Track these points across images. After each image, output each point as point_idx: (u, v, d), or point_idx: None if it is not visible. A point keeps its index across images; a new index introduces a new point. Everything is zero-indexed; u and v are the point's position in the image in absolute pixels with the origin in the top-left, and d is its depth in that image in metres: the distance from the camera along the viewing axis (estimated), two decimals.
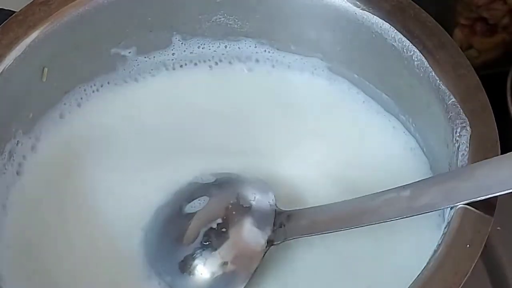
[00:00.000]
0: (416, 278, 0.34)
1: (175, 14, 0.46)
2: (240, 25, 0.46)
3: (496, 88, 0.45)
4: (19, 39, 0.42)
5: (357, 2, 0.43)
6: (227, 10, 0.46)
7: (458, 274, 0.33)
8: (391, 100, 0.44)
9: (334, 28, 0.44)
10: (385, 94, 0.44)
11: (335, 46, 0.45)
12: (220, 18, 0.46)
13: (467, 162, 0.37)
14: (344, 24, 0.43)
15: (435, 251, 0.35)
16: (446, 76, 0.40)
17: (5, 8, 0.46)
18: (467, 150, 0.37)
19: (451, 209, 0.35)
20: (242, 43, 0.47)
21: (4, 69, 0.41)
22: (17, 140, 0.43)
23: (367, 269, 0.40)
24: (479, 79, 0.40)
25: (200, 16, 0.46)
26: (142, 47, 0.46)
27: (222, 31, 0.47)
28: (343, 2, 0.43)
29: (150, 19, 0.45)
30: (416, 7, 0.42)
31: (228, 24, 0.46)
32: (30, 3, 0.43)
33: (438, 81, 0.40)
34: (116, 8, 0.44)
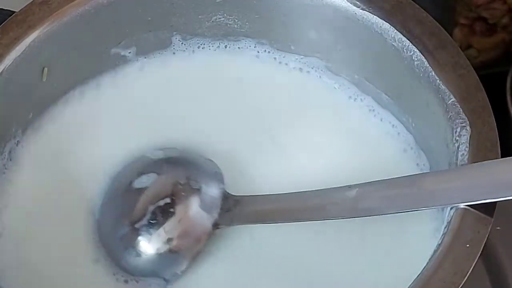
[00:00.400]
0: (416, 278, 0.34)
1: (175, 14, 0.46)
2: (240, 25, 0.46)
3: (496, 88, 0.45)
4: (19, 39, 0.42)
5: (357, 2, 0.43)
6: (227, 10, 0.46)
7: (458, 274, 0.33)
8: (391, 100, 0.44)
9: (334, 28, 0.44)
10: (385, 94, 0.44)
11: (335, 46, 0.45)
12: (220, 18, 0.46)
13: (467, 162, 0.37)
14: (344, 24, 0.43)
15: (435, 251, 0.35)
16: (446, 76, 0.40)
17: (5, 8, 0.46)
18: (467, 150, 0.37)
19: (450, 209, 0.36)
20: (242, 43, 0.47)
21: (4, 69, 0.41)
22: (17, 140, 0.43)
23: (367, 269, 0.40)
24: (479, 79, 0.40)
25: (200, 16, 0.46)
26: (142, 47, 0.46)
27: (222, 31, 0.47)
28: (343, 2, 0.43)
29: (150, 19, 0.45)
30: (416, 7, 0.42)
31: (228, 24, 0.46)
32: (30, 3, 0.43)
33: (438, 81, 0.40)
34: (116, 8, 0.44)
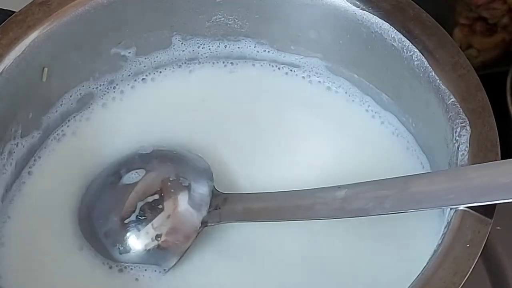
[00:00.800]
0: (416, 278, 0.34)
1: (175, 14, 0.46)
2: (240, 25, 0.46)
3: (496, 88, 0.45)
4: (19, 39, 0.42)
5: (357, 2, 0.43)
6: (227, 10, 0.46)
7: (458, 274, 0.33)
8: (391, 100, 0.44)
9: (334, 28, 0.44)
10: (385, 94, 0.44)
11: (335, 46, 0.45)
12: (220, 18, 0.46)
13: (467, 162, 0.37)
14: (344, 24, 0.43)
15: (435, 251, 0.35)
16: (446, 76, 0.40)
17: (5, 8, 0.46)
18: (467, 150, 0.37)
19: (450, 209, 0.36)
20: (242, 43, 0.47)
21: (4, 69, 0.41)
22: (17, 141, 0.43)
23: (367, 269, 0.40)
24: (479, 79, 0.40)
25: (200, 16, 0.46)
26: (142, 47, 0.46)
27: (222, 31, 0.47)
28: (343, 2, 0.43)
29: (150, 19, 0.45)
30: (416, 7, 0.42)
31: (228, 24, 0.46)
32: (30, 3, 0.43)
33: (438, 81, 0.40)
34: (116, 8, 0.44)
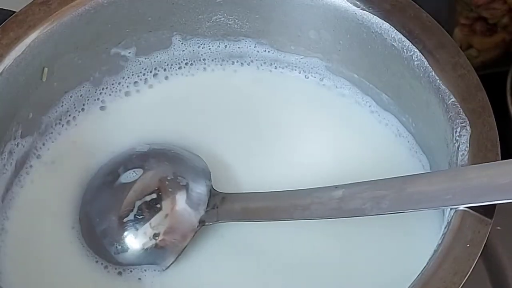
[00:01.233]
0: (416, 278, 0.34)
1: (175, 14, 0.46)
2: (240, 25, 0.46)
3: (496, 88, 0.45)
4: (19, 39, 0.42)
5: (357, 2, 0.43)
6: (227, 10, 0.46)
7: (458, 274, 0.33)
8: (391, 100, 0.44)
9: (334, 28, 0.44)
10: (385, 94, 0.44)
11: (335, 46, 0.45)
12: (220, 18, 0.46)
13: (467, 162, 0.37)
14: (344, 24, 0.43)
15: (435, 251, 0.35)
16: (446, 76, 0.40)
17: (5, 8, 0.46)
18: (467, 150, 0.37)
19: (450, 209, 0.36)
20: (242, 43, 0.47)
21: (4, 69, 0.41)
22: (17, 141, 0.43)
23: (367, 269, 0.40)
24: (479, 79, 0.40)
25: (200, 16, 0.46)
26: (142, 47, 0.46)
27: (222, 31, 0.47)
28: (343, 2, 0.43)
29: (150, 19, 0.45)
30: (416, 7, 0.42)
31: (228, 24, 0.46)
32: (30, 3, 0.43)
33: (438, 81, 0.40)
34: (116, 8, 0.44)
